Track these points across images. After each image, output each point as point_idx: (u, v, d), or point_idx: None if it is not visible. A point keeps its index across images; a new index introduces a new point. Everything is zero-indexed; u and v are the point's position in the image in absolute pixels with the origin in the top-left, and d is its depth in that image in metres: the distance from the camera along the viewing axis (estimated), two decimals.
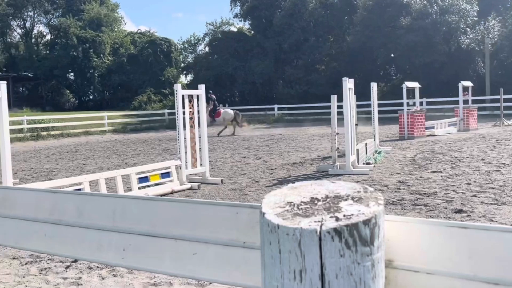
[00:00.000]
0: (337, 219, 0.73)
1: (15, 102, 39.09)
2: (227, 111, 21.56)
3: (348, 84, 9.68)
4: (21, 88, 49.96)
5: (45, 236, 1.43)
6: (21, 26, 53.19)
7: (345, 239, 0.72)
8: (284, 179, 9.03)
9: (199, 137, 9.27)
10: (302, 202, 0.79)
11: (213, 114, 20.95)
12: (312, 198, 0.80)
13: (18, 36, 53.73)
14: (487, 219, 5.51)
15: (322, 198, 0.80)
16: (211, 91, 21.75)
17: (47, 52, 49.87)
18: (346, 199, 0.80)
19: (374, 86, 13.38)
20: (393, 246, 0.90)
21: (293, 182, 4.36)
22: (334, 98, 10.09)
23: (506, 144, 12.93)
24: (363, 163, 10.18)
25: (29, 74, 48.54)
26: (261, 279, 0.79)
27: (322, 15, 39.33)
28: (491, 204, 6.24)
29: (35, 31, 53.78)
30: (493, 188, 7.24)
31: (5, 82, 6.72)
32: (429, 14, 30.87)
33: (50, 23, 51.93)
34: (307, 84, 37.43)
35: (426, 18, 30.79)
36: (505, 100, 21.39)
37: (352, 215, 0.74)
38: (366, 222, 0.73)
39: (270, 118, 32.31)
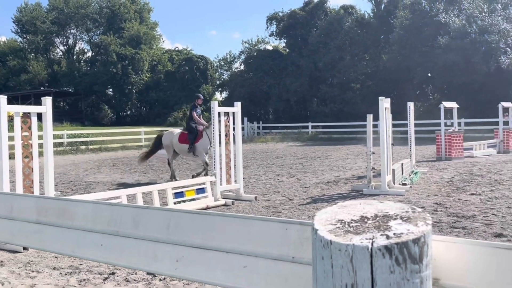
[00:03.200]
0: (388, 237, 0.77)
1: (56, 117, 40.40)
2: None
3: (385, 103, 9.62)
4: (61, 103, 51.68)
5: (102, 246, 1.51)
6: (64, 43, 55.29)
7: (395, 256, 0.76)
8: (318, 198, 9.00)
9: (234, 153, 9.37)
10: (352, 220, 0.84)
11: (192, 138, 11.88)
12: (362, 216, 0.85)
13: (60, 53, 55.83)
14: None
15: (371, 217, 0.85)
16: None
17: (88, 68, 51.62)
18: (395, 219, 0.84)
19: (411, 105, 13.25)
20: (440, 265, 0.93)
21: (327, 201, 4.41)
22: (370, 117, 10.05)
23: None
24: (399, 184, 10.04)
25: (70, 90, 50.25)
26: None
27: (358, 34, 39.30)
28: None
29: (76, 48, 55.81)
30: None
31: (51, 97, 7.02)
32: (468, 34, 30.40)
33: (92, 40, 53.77)
34: (342, 103, 37.32)
35: (464, 37, 30.32)
36: None
37: (402, 233, 0.78)
38: (416, 241, 0.77)
39: (304, 136, 32.28)
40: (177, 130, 12.47)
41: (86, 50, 55.83)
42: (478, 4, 31.64)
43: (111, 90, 50.78)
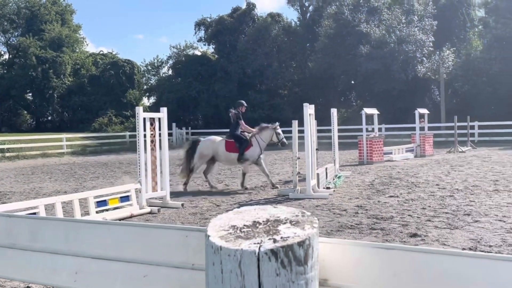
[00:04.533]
0: (275, 241, 0.79)
1: None
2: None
3: (309, 109, 9.88)
4: None
5: None
6: None
7: (281, 259, 0.78)
8: (245, 203, 9.06)
9: (160, 160, 9.22)
10: (245, 225, 0.85)
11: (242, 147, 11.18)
12: (254, 221, 0.87)
13: None
14: (440, 243, 5.69)
15: (263, 221, 0.87)
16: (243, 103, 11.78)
17: (5, 71, 48.64)
18: (285, 223, 0.86)
19: (334, 112, 13.70)
20: (328, 266, 0.97)
21: (254, 206, 4.36)
22: (295, 123, 10.27)
23: (460, 170, 13.41)
24: (323, 188, 10.33)
25: None
26: None
27: (285, 41, 40.17)
28: (444, 228, 6.45)
29: None
30: (446, 213, 7.49)
31: None
32: (387, 44, 31.98)
33: (9, 42, 50.80)
34: (270, 109, 37.93)
35: (384, 47, 31.88)
36: (459, 128, 22.23)
37: (288, 237, 0.80)
38: (301, 244, 0.80)
39: None
40: (218, 138, 11.57)
41: (2, 53, 52.60)
42: (397, 15, 33.40)
43: (30, 94, 48.13)
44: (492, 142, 25.75)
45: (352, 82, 35.64)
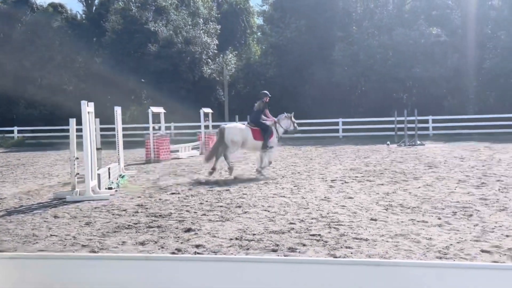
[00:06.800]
0: None
1: None
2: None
3: (88, 107, 9.50)
4: None
5: None
6: None
7: None
8: (14, 210, 8.23)
9: None
10: None
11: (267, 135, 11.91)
12: None
13: None
14: (211, 236, 6.04)
15: None
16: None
17: None
18: None
19: (118, 110, 13.42)
20: None
21: (25, 212, 4.08)
22: (72, 121, 9.75)
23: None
24: (105, 188, 10.03)
25: None
26: None
27: (69, 34, 37.70)
28: (217, 221, 6.86)
29: None
30: (221, 206, 7.99)
31: None
32: (175, 44, 32.62)
33: None
34: (53, 105, 35.16)
35: (172, 47, 32.44)
36: None
37: None
38: None
39: (8, 142, 29.20)
40: (242, 126, 12.15)
41: None
42: (183, 17, 34.31)
43: None
44: None
45: (142, 80, 35.36)
